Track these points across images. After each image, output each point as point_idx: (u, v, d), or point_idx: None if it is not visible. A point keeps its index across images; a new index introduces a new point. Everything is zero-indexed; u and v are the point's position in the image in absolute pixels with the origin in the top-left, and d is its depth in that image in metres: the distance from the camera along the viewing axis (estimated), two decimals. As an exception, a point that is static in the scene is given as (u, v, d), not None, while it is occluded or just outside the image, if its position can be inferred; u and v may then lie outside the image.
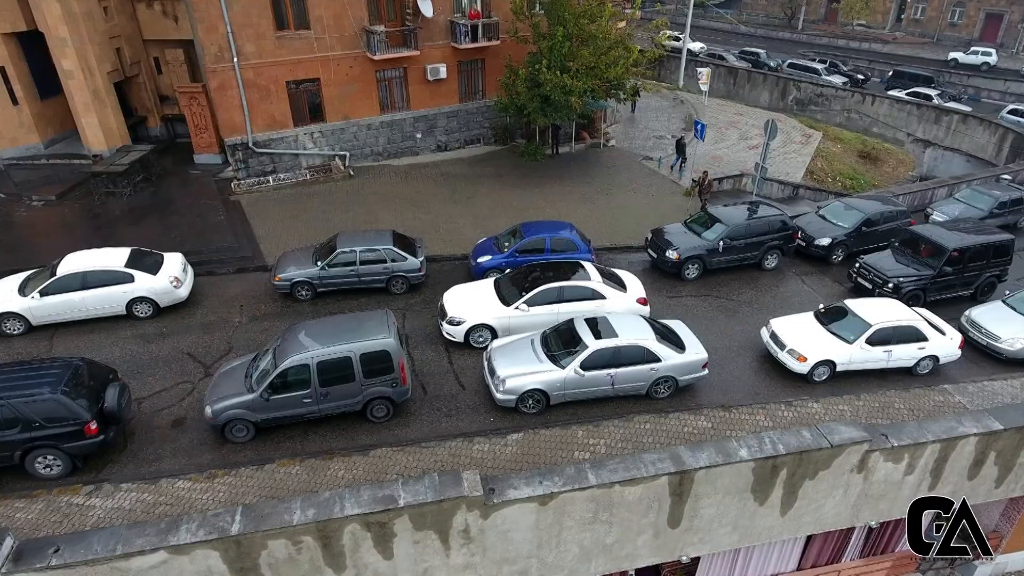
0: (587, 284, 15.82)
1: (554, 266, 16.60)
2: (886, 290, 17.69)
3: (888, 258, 18.65)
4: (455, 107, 26.96)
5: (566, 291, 15.66)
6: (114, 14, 24.43)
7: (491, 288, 16.21)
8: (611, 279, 16.49)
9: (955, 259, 17.84)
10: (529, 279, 16.00)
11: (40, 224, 20.83)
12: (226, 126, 23.53)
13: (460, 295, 16.13)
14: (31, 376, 11.66)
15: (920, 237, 18.56)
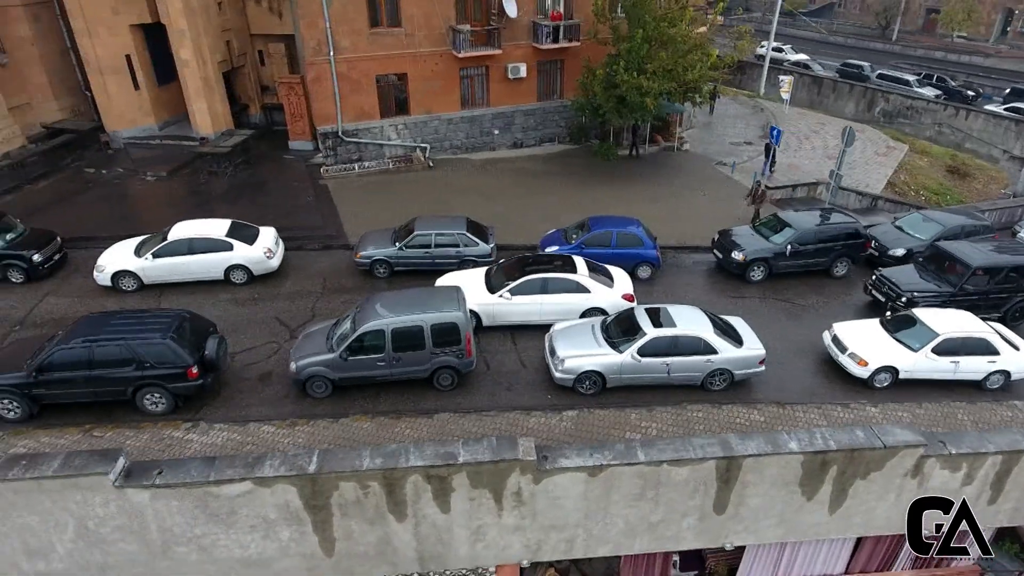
0: (571, 277, 16.17)
1: (547, 259, 17.19)
2: (898, 304, 17.09)
3: (909, 272, 17.91)
4: (533, 106, 27.83)
5: (550, 283, 16.06)
6: (226, 9, 26.65)
7: (481, 276, 16.81)
8: (600, 274, 16.89)
9: (980, 278, 17.02)
10: (520, 270, 16.44)
11: (152, 196, 23.09)
12: (319, 115, 25.23)
13: (451, 281, 16.67)
14: (146, 323, 13.24)
15: (944, 252, 17.84)
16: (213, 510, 11.19)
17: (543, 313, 16.06)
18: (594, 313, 16.16)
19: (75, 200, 22.54)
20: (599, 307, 16.19)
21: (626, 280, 17.19)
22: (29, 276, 17.43)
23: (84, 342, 12.61)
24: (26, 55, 25.96)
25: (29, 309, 16.54)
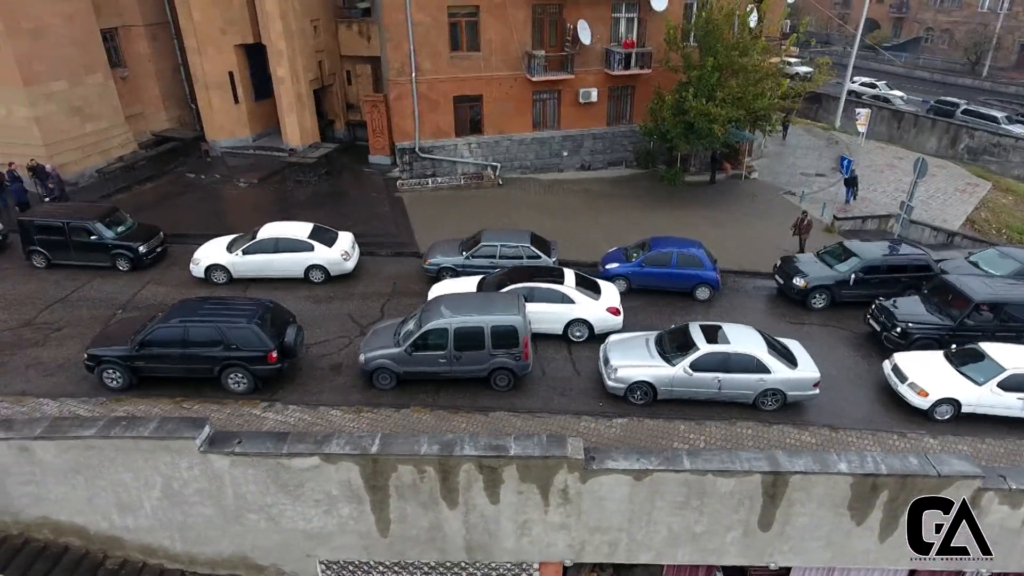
0: (557, 288, 16.67)
1: (537, 269, 17.79)
2: (893, 335, 16.64)
3: (911, 302, 17.48)
4: (602, 130, 28.57)
5: (536, 292, 16.56)
6: (321, 32, 28.76)
7: (473, 284, 17.49)
8: (586, 286, 17.21)
9: (984, 313, 16.40)
10: (511, 279, 16.97)
11: (244, 200, 25.10)
12: (398, 132, 26.77)
13: (445, 287, 17.54)
14: (234, 309, 14.61)
15: (947, 284, 17.35)
16: (283, 481, 12.20)
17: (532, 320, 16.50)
18: (578, 324, 16.64)
19: (177, 201, 24.76)
20: (583, 319, 16.63)
21: (613, 294, 17.49)
22: (134, 265, 19.33)
23: (180, 322, 14.04)
24: (143, 70, 28.78)
25: (132, 294, 18.35)
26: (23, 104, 23.51)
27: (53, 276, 18.96)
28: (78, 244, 19.07)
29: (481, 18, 25.08)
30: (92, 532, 13.01)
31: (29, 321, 16.84)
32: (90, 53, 25.42)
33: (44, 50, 23.60)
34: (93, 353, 14.07)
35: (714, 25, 23.92)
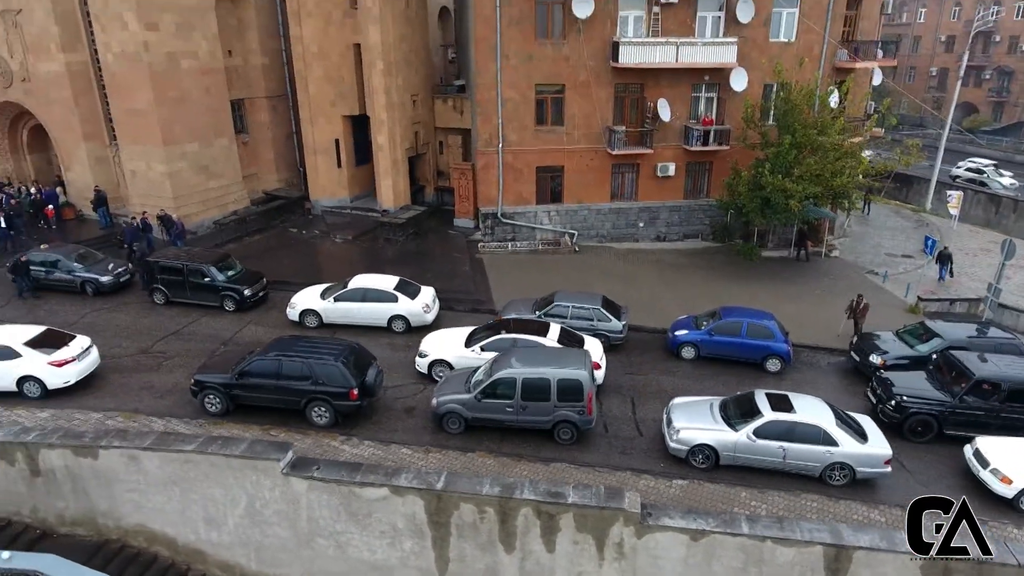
0: (539, 340, 17.24)
1: (525, 323, 18.51)
2: (888, 408, 15.89)
3: (914, 377, 16.86)
4: (679, 203, 29.31)
5: (520, 343, 17.22)
6: (419, 106, 31.45)
7: (464, 334, 18.28)
8: (569, 339, 17.70)
9: (986, 391, 15.55)
10: (498, 330, 17.79)
11: (339, 255, 27.28)
12: (483, 198, 28.51)
13: (438, 336, 18.58)
14: (323, 348, 15.98)
15: (950, 359, 16.67)
16: (353, 510, 13.05)
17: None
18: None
19: (280, 252, 27.23)
20: None
21: (595, 348, 17.81)
22: (239, 306, 21.37)
23: (276, 356, 15.50)
24: (262, 136, 32.26)
25: (235, 332, 20.24)
26: (160, 161, 26.88)
27: (169, 312, 21.24)
28: (193, 285, 21.36)
29: (566, 95, 26.85)
30: (180, 544, 14.19)
31: (146, 349, 18.91)
32: (220, 120, 28.92)
33: (183, 116, 27.09)
34: (198, 379, 15.68)
35: (792, 105, 24.57)
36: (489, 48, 25.81)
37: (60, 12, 26.35)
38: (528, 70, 26.26)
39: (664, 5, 25.72)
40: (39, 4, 26.31)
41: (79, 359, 16.46)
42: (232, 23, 29.73)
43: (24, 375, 15.87)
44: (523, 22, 25.59)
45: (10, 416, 15.37)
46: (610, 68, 26.35)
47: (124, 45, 25.57)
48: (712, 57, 25.91)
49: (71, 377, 16.23)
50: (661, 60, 25.76)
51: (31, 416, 15.37)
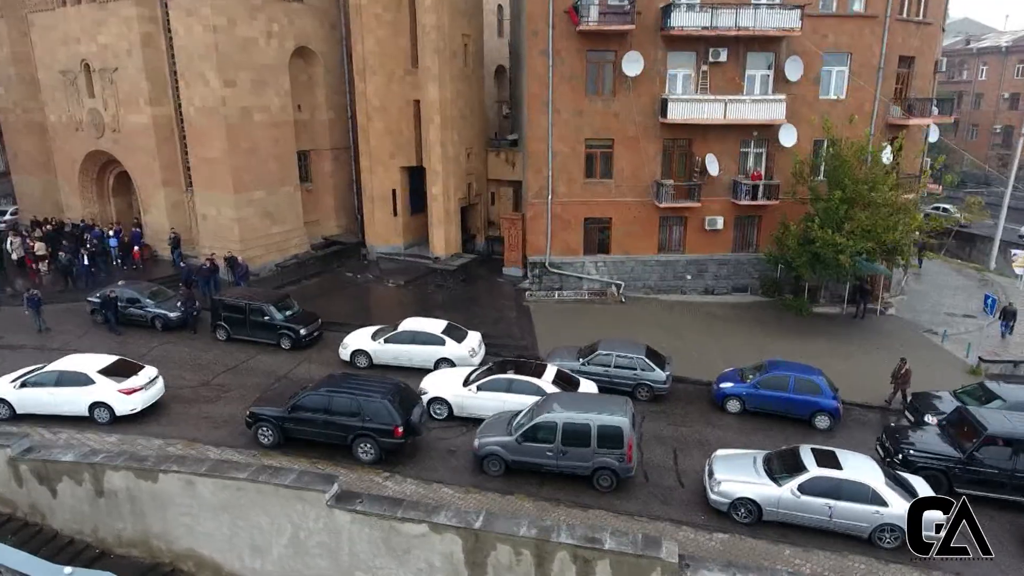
0: (534, 381, 17.77)
1: (522, 363, 19.21)
2: (895, 461, 15.26)
3: (926, 431, 16.57)
4: (727, 256, 29.29)
5: (515, 384, 17.81)
6: (473, 158, 32.74)
7: (463, 373, 18.94)
8: (564, 382, 18.12)
9: (999, 449, 14.91)
10: (496, 371, 18.47)
11: (391, 298, 28.24)
12: (532, 247, 29.18)
13: (439, 375, 19.41)
14: (372, 385, 16.56)
15: (964, 414, 16.24)
16: (393, 545, 13.33)
17: (504, 410, 17.12)
18: None
19: (335, 294, 28.39)
20: None
21: (589, 390, 18.32)
22: (295, 344, 22.34)
23: (327, 391, 16.16)
24: (324, 185, 34.07)
25: (289, 369, 21.12)
26: (230, 207, 28.69)
27: (230, 347, 22.37)
28: (254, 323, 22.50)
29: (615, 149, 27.57)
30: (225, 571, 14.69)
31: (207, 382, 19.94)
32: (286, 169, 30.78)
33: (253, 165, 28.99)
34: (253, 411, 16.44)
35: (842, 160, 24.59)
36: (541, 104, 26.91)
37: (150, 70, 28.92)
38: (578, 125, 27.17)
39: (713, 64, 26.40)
40: (132, 63, 28.97)
41: (146, 388, 17.53)
42: (303, 80, 31.92)
43: (96, 401, 16.98)
44: (574, 79, 26.66)
45: (81, 439, 16.41)
46: (658, 123, 27.01)
47: (204, 100, 27.80)
48: (760, 114, 26.30)
49: (138, 405, 17.27)
50: (709, 116, 26.28)
51: (99, 440, 16.38)
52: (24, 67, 33.47)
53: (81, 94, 31.13)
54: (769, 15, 25.42)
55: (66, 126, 32.26)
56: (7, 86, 34.25)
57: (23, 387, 17.15)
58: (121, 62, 29.28)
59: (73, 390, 16.98)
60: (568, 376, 18.86)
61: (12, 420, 17.14)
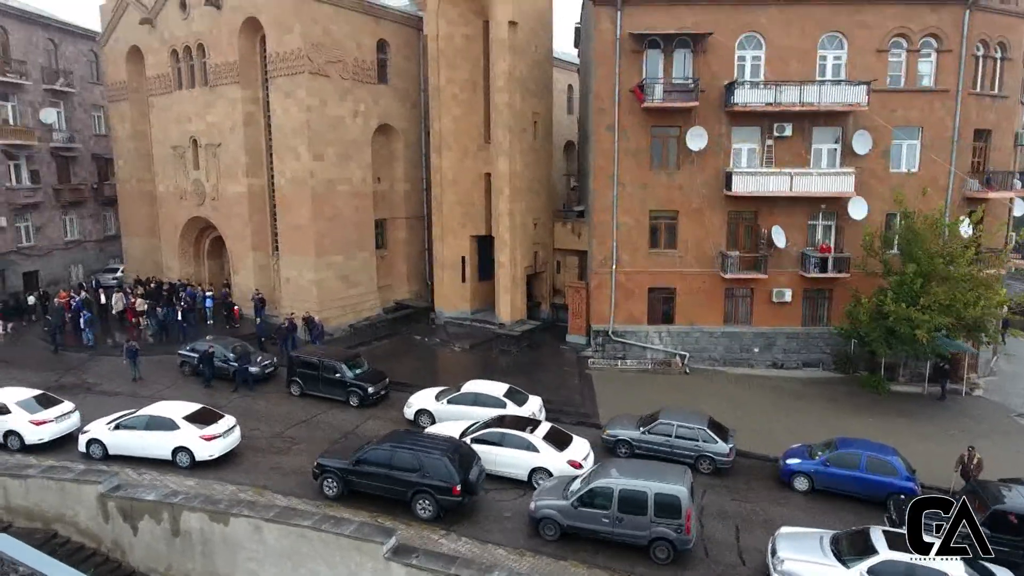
0: (525, 436, 18.26)
1: (517, 419, 19.74)
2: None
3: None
4: (796, 329, 28.65)
5: (507, 437, 18.37)
6: (540, 228, 33.83)
7: (463, 426, 19.60)
8: (556, 439, 18.57)
9: (1010, 524, 14.68)
10: (491, 424, 19.09)
11: (456, 361, 29.00)
12: (595, 316, 29.51)
13: (442, 426, 20.07)
14: (432, 443, 17.04)
15: (975, 489, 16.30)
16: (446, 602, 13.43)
17: (496, 463, 18.08)
18: (540, 473, 17.89)
19: (403, 356, 29.42)
20: (544, 467, 17.92)
21: (580, 449, 18.63)
22: (362, 402, 23.23)
23: (390, 446, 16.73)
24: (398, 251, 35.88)
25: (356, 425, 21.92)
26: (311, 270, 30.62)
27: (302, 402, 23.48)
28: (325, 379, 23.61)
29: (680, 221, 27.99)
30: (285, 618, 15.08)
31: (279, 434, 20.95)
32: (364, 236, 32.73)
33: (334, 232, 31.03)
34: (320, 463, 17.16)
35: (916, 234, 24.07)
36: (607, 177, 27.84)
37: (249, 146, 31.91)
38: (643, 197, 27.86)
39: (778, 138, 26.78)
40: (234, 139, 32.06)
41: (224, 436, 18.64)
42: (384, 154, 34.29)
43: (179, 446, 18.16)
44: (639, 154, 27.55)
45: (163, 481, 17.51)
46: (723, 196, 27.36)
47: (295, 172, 30.29)
48: (828, 187, 26.26)
49: (216, 451, 18.34)
50: (775, 189, 26.45)
51: (179, 483, 17.42)
52: (141, 143, 37.47)
53: (188, 166, 34.50)
54: (834, 91, 25.78)
55: (172, 195, 35.64)
56: (126, 159, 38.33)
57: (116, 429, 18.59)
58: (224, 138, 32.45)
59: (160, 434, 18.27)
60: (560, 433, 19.33)
61: (104, 460, 18.51)
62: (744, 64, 26.95)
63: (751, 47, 26.88)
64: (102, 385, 24.87)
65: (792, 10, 26.27)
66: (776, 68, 26.62)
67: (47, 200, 39.05)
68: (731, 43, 26.60)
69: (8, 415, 19.04)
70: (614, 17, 26.59)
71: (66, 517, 16.26)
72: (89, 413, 20.51)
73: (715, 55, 26.72)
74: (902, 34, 26.42)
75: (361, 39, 31.60)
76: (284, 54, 29.45)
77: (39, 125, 38.17)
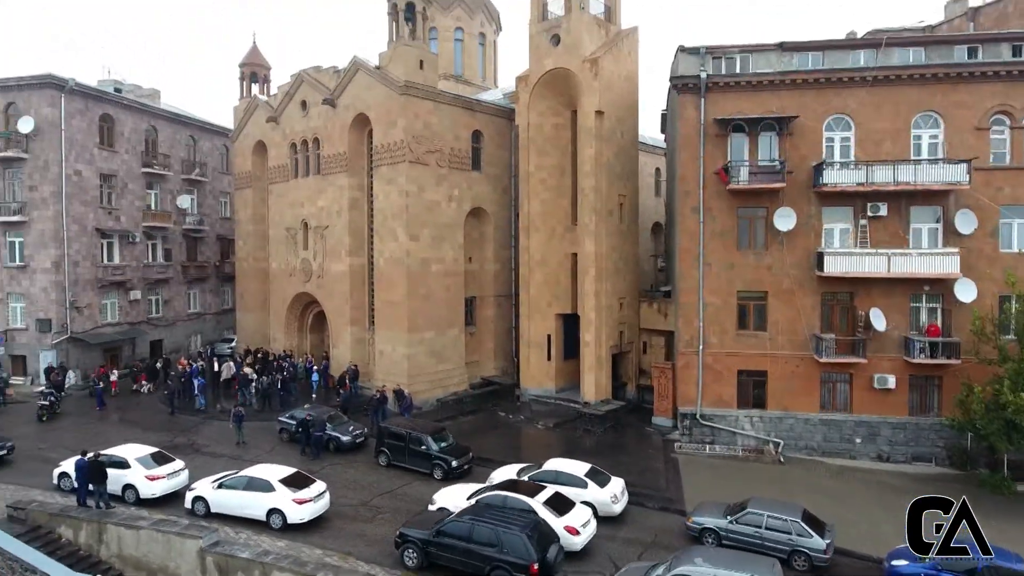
0: (526, 500, 18.88)
1: (519, 483, 20.53)
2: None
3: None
4: (903, 419, 26.74)
5: (509, 500, 19.00)
6: (625, 308, 33.97)
7: (471, 489, 20.77)
8: (557, 505, 19.05)
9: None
10: (497, 488, 19.97)
11: (539, 439, 29.08)
12: (682, 398, 28.87)
13: (450, 489, 21.36)
14: (511, 519, 17.09)
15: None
16: None
17: None
18: None
19: (488, 431, 29.83)
20: None
21: (579, 516, 18.86)
22: (446, 475, 23.62)
23: (469, 519, 16.94)
24: (486, 329, 36.95)
25: (438, 498, 22.22)
26: (403, 345, 32.04)
27: (388, 473, 24.19)
28: (412, 451, 24.31)
29: (769, 302, 27.40)
30: None
31: (365, 502, 21.60)
32: (454, 314, 34.08)
33: (426, 309, 32.54)
34: (403, 532, 17.56)
35: (1033, 318, 22.40)
36: (692, 258, 27.92)
37: (353, 229, 34.58)
38: (730, 277, 27.63)
39: (872, 217, 26.09)
40: (340, 222, 34.85)
41: (315, 500, 19.48)
42: (475, 236, 36.07)
43: (273, 507, 19.13)
44: (725, 235, 27.56)
45: (256, 540, 18.41)
46: (815, 276, 26.67)
47: (392, 252, 32.37)
48: (930, 267, 25.09)
49: (307, 515, 19.16)
50: (871, 270, 25.55)
51: (271, 543, 18.26)
52: (259, 225, 41.32)
53: (298, 247, 37.61)
54: (931, 170, 25.07)
55: (283, 272, 38.77)
56: (245, 240, 42.26)
57: (219, 488, 19.88)
58: (332, 221, 35.33)
59: (257, 495, 19.36)
60: (562, 499, 19.61)
61: (207, 517, 19.73)
62: (832, 145, 26.84)
63: (839, 128, 26.81)
64: (210, 447, 26.70)
65: (882, 93, 26.16)
66: (867, 148, 26.31)
67: (176, 276, 43.46)
68: (818, 125, 26.68)
69: (128, 469, 20.84)
70: (698, 104, 27.44)
71: (169, 568, 17.34)
72: (196, 472, 22.09)
73: (802, 137, 26.82)
74: (1003, 111, 25.59)
75: (457, 130, 34.10)
76: (388, 145, 32.20)
77: (175, 210, 43.08)
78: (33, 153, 35.44)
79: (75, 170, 36.49)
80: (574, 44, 31.66)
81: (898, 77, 26.09)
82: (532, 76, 33.24)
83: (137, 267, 40.37)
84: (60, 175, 35.60)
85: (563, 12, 32.40)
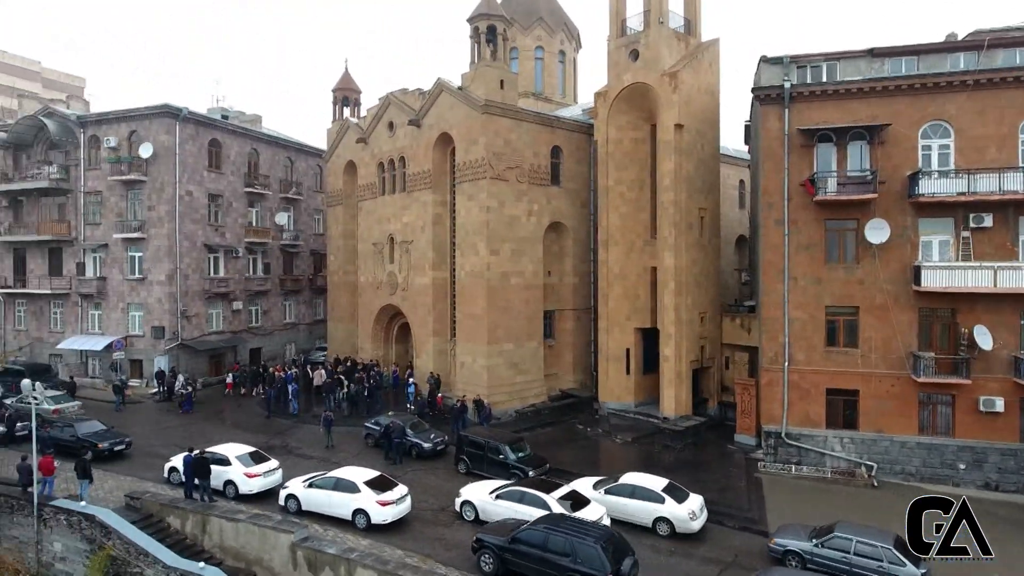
0: (542, 496, 19.95)
1: (536, 481, 21.72)
2: None
3: None
4: (1013, 445, 24.79)
5: (526, 496, 20.23)
6: (707, 322, 33.31)
7: (492, 485, 21.76)
8: (573, 500, 20.06)
9: None
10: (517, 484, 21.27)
11: (617, 453, 28.92)
12: (766, 416, 27.97)
13: (475, 485, 22.22)
14: (586, 529, 17.23)
15: None
16: None
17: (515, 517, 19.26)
18: None
19: (565, 444, 29.97)
20: None
21: (594, 512, 19.48)
22: (522, 484, 23.94)
23: (544, 528, 17.20)
24: (565, 342, 37.15)
25: (515, 507, 22.57)
26: (483, 357, 32.76)
27: (467, 480, 24.72)
28: (490, 460, 24.85)
29: (860, 318, 26.19)
30: None
31: (444, 508, 22.25)
32: (534, 326, 34.54)
33: (506, 321, 33.16)
34: (480, 538, 18.04)
35: None
36: (776, 272, 27.15)
37: (436, 243, 35.80)
38: (817, 292, 26.65)
39: (975, 229, 24.53)
40: (424, 237, 36.18)
41: (397, 503, 20.32)
42: (554, 250, 36.48)
43: (359, 508, 20.10)
44: (812, 248, 26.64)
45: (342, 538, 19.40)
46: (912, 291, 25.30)
47: (473, 266, 33.27)
48: (1043, 283, 23.31)
49: (389, 517, 20.02)
50: (975, 284, 24.00)
51: (355, 541, 19.20)
52: (349, 240, 43.45)
53: (384, 260, 39.30)
54: (1043, 179, 23.35)
55: (371, 285, 40.56)
56: (336, 255, 44.53)
57: (310, 487, 21.10)
58: (416, 236, 36.74)
59: (344, 495, 20.42)
60: (579, 496, 20.59)
61: (298, 514, 20.97)
62: (930, 153, 25.48)
63: (937, 135, 25.44)
64: (301, 449, 28.27)
65: (985, 97, 24.65)
66: (968, 156, 24.82)
67: (273, 288, 46.34)
68: (913, 133, 25.44)
69: (229, 467, 22.48)
70: (781, 115, 26.79)
71: (263, 561, 18.57)
72: (289, 472, 23.51)
73: (895, 145, 25.63)
74: None
75: (537, 147, 34.74)
76: (469, 162, 33.24)
77: (273, 226, 46.03)
78: (151, 176, 39.00)
79: (187, 191, 39.81)
80: (653, 59, 31.66)
81: (1003, 80, 24.52)
82: (611, 91, 33.45)
83: (239, 280, 43.38)
84: (174, 195, 38.96)
85: (642, 28, 32.50)
